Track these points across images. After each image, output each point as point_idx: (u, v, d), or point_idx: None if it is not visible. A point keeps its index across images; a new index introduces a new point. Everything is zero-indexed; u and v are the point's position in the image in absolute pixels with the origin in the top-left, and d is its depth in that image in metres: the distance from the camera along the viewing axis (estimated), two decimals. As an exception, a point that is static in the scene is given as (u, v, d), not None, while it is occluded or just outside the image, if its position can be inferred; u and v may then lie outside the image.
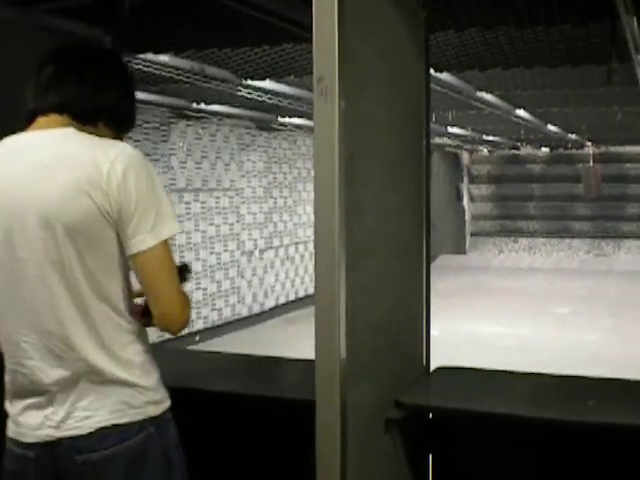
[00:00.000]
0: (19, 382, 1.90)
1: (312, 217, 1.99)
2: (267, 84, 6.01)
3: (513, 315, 11.37)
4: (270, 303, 11.49)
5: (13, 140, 1.96)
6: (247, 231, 10.80)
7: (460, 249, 18.69)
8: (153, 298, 1.87)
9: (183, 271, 2.04)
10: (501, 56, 4.37)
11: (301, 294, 12.36)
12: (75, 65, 1.97)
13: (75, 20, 3.02)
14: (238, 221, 10.56)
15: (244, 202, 10.70)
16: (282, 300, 11.84)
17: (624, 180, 17.29)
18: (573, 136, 13.25)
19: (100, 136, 1.91)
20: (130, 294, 1.90)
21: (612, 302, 12.79)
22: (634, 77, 5.09)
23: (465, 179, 18.98)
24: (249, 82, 5.75)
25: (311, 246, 12.53)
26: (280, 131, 11.48)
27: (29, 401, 1.89)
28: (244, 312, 10.74)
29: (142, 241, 1.80)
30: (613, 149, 16.82)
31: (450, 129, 11.23)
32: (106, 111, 1.98)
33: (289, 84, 6.25)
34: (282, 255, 11.85)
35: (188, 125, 9.58)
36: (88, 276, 1.81)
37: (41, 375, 1.86)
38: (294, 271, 12.24)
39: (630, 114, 8.69)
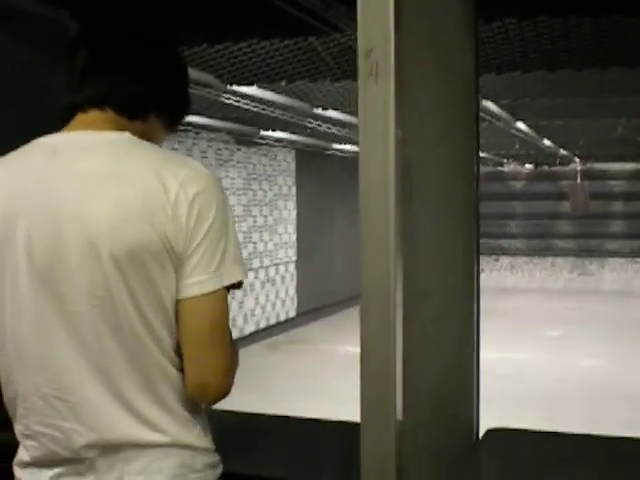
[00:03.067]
0: (47, 448, 1.49)
1: (293, 237, 1.43)
2: (254, 90, 5.49)
3: (506, 339, 10.87)
4: (250, 328, 10.91)
5: (49, 140, 1.54)
6: (225, 251, 10.26)
7: (442, 268, 18.26)
8: (194, 361, 1.46)
9: None
10: (545, 56, 3.84)
11: (282, 317, 11.81)
12: (115, 46, 1.59)
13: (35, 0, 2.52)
14: (216, 241, 10.02)
15: (222, 221, 10.14)
16: (263, 324, 11.26)
17: (607, 197, 16.97)
18: (564, 152, 12.90)
19: (151, 133, 1.60)
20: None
21: (603, 324, 12.50)
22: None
23: (447, 196, 18.58)
24: (234, 88, 5.22)
25: (292, 267, 11.99)
26: (260, 146, 10.96)
27: (61, 469, 1.49)
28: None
29: (200, 283, 1.43)
30: (597, 166, 16.49)
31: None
32: (158, 99, 1.61)
33: (278, 91, 5.74)
34: (262, 277, 11.27)
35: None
36: (141, 318, 1.43)
37: (78, 438, 1.46)
38: (275, 294, 11.66)
39: (631, 127, 8.34)
